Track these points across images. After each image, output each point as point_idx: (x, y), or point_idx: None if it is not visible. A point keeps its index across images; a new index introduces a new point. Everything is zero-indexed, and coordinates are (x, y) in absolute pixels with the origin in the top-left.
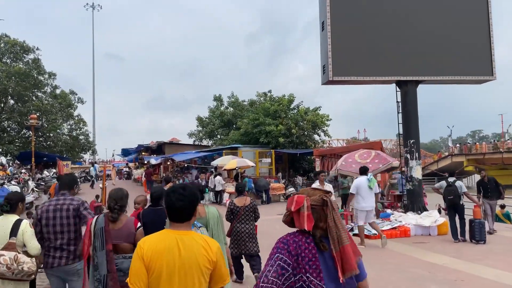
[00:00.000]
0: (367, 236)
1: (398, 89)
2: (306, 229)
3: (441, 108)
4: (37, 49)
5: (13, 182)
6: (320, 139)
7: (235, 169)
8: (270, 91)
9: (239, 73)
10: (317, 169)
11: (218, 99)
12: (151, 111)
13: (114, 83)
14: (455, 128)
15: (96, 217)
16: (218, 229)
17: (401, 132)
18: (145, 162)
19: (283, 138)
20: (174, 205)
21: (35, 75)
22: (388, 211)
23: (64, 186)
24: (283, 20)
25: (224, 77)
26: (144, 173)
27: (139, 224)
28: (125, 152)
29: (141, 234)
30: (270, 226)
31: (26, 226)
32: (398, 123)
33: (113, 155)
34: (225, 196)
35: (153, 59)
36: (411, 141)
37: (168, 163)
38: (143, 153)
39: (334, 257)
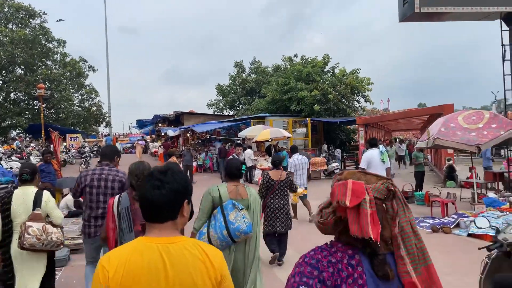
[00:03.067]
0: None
1: (504, 27)
2: (372, 238)
3: (475, 74)
4: (44, 13)
5: (13, 158)
6: (360, 105)
7: (268, 140)
8: (296, 56)
9: (255, 45)
10: (361, 141)
11: (239, 65)
12: (167, 85)
13: (129, 57)
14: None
15: (118, 196)
16: (258, 215)
17: (508, 87)
18: (162, 134)
19: (319, 105)
20: (147, 196)
21: (43, 42)
22: (491, 195)
23: (105, 157)
24: None
25: (241, 50)
26: (161, 146)
27: None
28: (141, 124)
29: None
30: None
31: (49, 197)
32: (504, 75)
33: (129, 128)
34: (257, 174)
35: (168, 32)
36: None
37: (188, 135)
38: (159, 125)
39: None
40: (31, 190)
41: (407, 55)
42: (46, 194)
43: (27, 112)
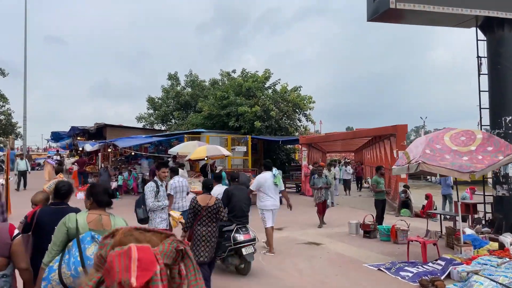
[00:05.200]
0: None
1: (481, 37)
2: None
3: (379, 103)
4: None
5: None
6: (302, 124)
7: (203, 159)
8: (234, 71)
9: (190, 63)
10: (304, 162)
11: (173, 77)
12: (95, 98)
13: (55, 67)
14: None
15: None
16: None
17: (484, 104)
18: (80, 148)
19: (260, 122)
20: None
21: None
22: (468, 230)
23: None
24: (236, 11)
25: (174, 67)
26: (75, 163)
27: (16, 232)
28: (56, 136)
29: (19, 245)
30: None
31: None
32: (480, 91)
33: (48, 142)
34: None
35: (98, 45)
36: (508, 119)
37: (109, 150)
38: (78, 138)
39: None
40: None
41: (332, 81)
42: None
43: None
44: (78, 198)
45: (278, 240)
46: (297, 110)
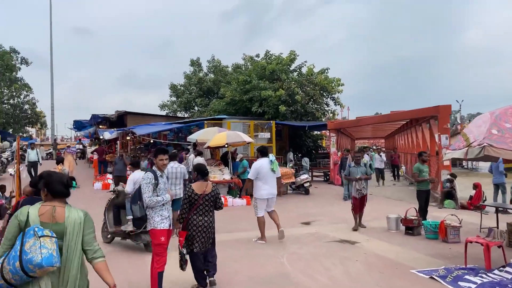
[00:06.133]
0: None
1: None
2: None
3: (409, 88)
4: None
5: None
6: (329, 109)
7: (224, 146)
8: (258, 55)
9: (214, 51)
10: (333, 148)
11: (195, 63)
12: (123, 89)
13: (83, 58)
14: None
15: None
16: (77, 240)
17: None
18: (101, 137)
19: (285, 106)
20: None
21: None
22: None
23: None
24: None
25: (199, 55)
26: (94, 152)
27: None
28: (78, 125)
29: None
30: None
31: None
32: None
33: (75, 132)
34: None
35: (125, 35)
36: None
37: (128, 138)
38: (100, 127)
39: None
40: None
41: (360, 67)
42: None
43: None
44: (95, 188)
45: (305, 237)
46: (324, 94)
